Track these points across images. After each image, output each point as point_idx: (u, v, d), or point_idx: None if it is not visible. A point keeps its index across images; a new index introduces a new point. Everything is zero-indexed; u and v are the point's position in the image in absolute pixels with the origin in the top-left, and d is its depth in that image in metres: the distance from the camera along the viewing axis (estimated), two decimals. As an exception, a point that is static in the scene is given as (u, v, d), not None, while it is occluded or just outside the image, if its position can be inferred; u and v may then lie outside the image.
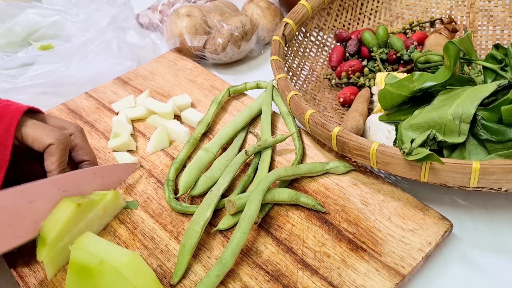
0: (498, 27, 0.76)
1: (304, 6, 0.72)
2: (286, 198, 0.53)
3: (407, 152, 0.46)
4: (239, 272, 0.48)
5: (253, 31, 0.81)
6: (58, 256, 0.49)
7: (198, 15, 0.80)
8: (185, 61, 0.79)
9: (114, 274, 0.42)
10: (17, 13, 0.84)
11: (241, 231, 0.47)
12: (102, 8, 0.88)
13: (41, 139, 0.51)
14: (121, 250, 0.44)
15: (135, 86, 0.75)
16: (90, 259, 0.43)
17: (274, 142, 0.60)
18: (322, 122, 0.54)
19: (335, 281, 0.46)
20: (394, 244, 0.49)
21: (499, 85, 0.51)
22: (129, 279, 0.42)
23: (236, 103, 0.70)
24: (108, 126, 0.68)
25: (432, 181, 0.47)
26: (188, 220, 0.54)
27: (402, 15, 0.81)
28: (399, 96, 0.55)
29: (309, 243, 0.50)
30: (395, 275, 0.46)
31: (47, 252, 0.47)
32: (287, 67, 0.69)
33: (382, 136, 0.56)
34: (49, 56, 0.76)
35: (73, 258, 0.44)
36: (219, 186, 0.54)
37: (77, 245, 0.45)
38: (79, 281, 0.44)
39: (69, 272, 0.44)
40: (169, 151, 0.63)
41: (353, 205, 0.53)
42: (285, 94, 0.60)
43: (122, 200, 0.55)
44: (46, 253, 0.47)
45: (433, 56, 0.64)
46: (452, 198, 0.56)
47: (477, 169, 0.44)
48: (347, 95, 0.67)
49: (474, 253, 0.51)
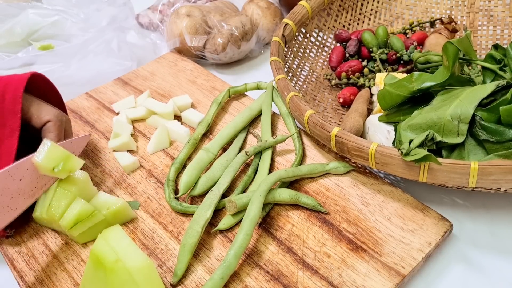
0: (498, 27, 0.76)
1: (304, 6, 0.72)
2: (287, 198, 0.53)
3: (405, 152, 0.46)
4: (239, 272, 0.48)
5: (253, 31, 0.81)
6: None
7: (198, 15, 0.80)
8: (185, 62, 0.79)
9: (125, 276, 0.43)
10: (17, 13, 0.84)
11: (244, 232, 0.48)
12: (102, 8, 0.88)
13: (39, 115, 0.52)
14: (138, 254, 0.45)
15: (136, 86, 0.75)
16: (108, 253, 0.44)
17: (274, 143, 0.60)
18: (321, 122, 0.54)
19: (335, 281, 0.46)
20: (394, 244, 0.49)
21: (498, 85, 0.51)
22: (138, 285, 0.43)
23: (236, 103, 0.70)
24: (108, 126, 0.68)
25: (430, 182, 0.48)
26: (188, 220, 0.54)
27: (402, 15, 0.81)
28: (398, 97, 0.55)
29: (310, 243, 0.50)
30: (395, 275, 0.46)
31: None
32: (287, 67, 0.69)
33: (382, 137, 0.56)
34: (49, 56, 0.76)
35: (95, 247, 0.45)
36: (220, 186, 0.54)
37: (103, 235, 0.46)
38: (94, 272, 0.45)
39: (89, 260, 0.45)
40: (169, 151, 0.63)
41: (353, 205, 0.53)
42: (285, 95, 0.60)
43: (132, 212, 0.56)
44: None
45: (433, 56, 0.65)
46: (451, 198, 0.56)
47: (476, 170, 0.44)
48: (347, 95, 0.67)
49: (474, 253, 0.51)
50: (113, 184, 0.59)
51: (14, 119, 0.52)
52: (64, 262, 0.51)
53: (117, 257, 0.43)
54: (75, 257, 0.51)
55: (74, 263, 0.51)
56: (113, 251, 0.44)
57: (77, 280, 0.49)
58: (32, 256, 0.52)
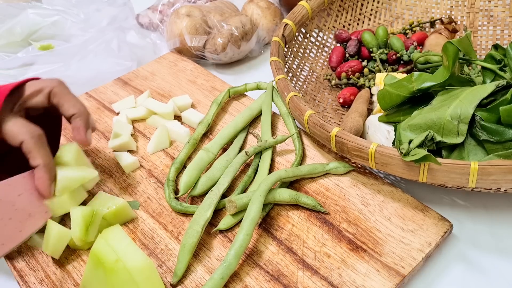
0: (498, 27, 0.76)
1: (304, 7, 0.72)
2: (287, 198, 0.53)
3: (405, 152, 0.46)
4: (239, 272, 0.48)
5: (253, 31, 0.81)
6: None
7: (198, 15, 0.80)
8: (185, 62, 0.79)
9: (125, 276, 0.43)
10: (17, 13, 0.84)
11: (244, 232, 0.48)
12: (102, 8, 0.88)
13: (13, 136, 0.50)
14: (138, 254, 0.45)
15: (136, 86, 0.75)
16: (109, 253, 0.44)
17: (274, 143, 0.60)
18: (321, 123, 0.54)
19: (335, 281, 0.46)
20: (394, 244, 0.49)
21: (498, 86, 0.51)
22: (138, 285, 0.43)
23: (236, 104, 0.70)
24: (108, 126, 0.68)
25: (430, 182, 0.48)
26: (188, 220, 0.54)
27: (402, 15, 0.81)
28: (398, 97, 0.55)
29: (310, 243, 0.50)
30: (395, 275, 0.46)
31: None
32: (287, 68, 0.69)
33: (382, 137, 0.56)
34: (49, 56, 0.76)
35: (95, 247, 0.45)
36: (220, 186, 0.54)
37: (103, 235, 0.46)
38: (95, 272, 0.45)
39: (89, 260, 0.45)
40: (169, 151, 0.63)
41: (353, 205, 0.53)
42: (285, 95, 0.60)
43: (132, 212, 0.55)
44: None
45: (433, 56, 0.65)
46: (451, 198, 0.56)
47: (476, 170, 0.44)
48: (347, 95, 0.67)
49: (474, 253, 0.51)
50: (113, 184, 0.60)
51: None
52: (64, 262, 0.51)
53: (117, 257, 0.43)
54: (75, 257, 0.51)
55: (74, 263, 0.51)
56: (113, 251, 0.44)
57: (77, 280, 0.49)
58: (32, 256, 0.52)
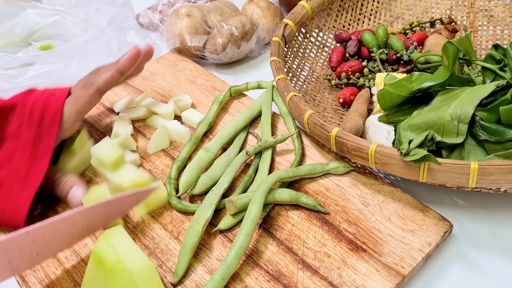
0: (498, 27, 0.76)
1: (304, 7, 0.72)
2: (287, 198, 0.53)
3: (405, 152, 0.46)
4: (239, 272, 0.48)
5: (253, 31, 0.81)
6: None
7: (198, 15, 0.80)
8: (185, 62, 0.79)
9: (125, 277, 0.43)
10: (17, 13, 0.84)
11: (245, 232, 0.48)
12: (102, 8, 0.88)
13: (60, 186, 0.55)
14: (139, 255, 0.45)
15: (136, 86, 0.75)
16: (110, 254, 0.44)
17: (274, 143, 0.60)
18: (321, 123, 0.54)
19: (335, 281, 0.46)
20: (394, 244, 0.49)
21: (498, 86, 0.51)
22: (138, 286, 0.43)
23: (237, 103, 0.70)
24: (108, 126, 0.68)
25: (430, 182, 0.48)
26: (188, 220, 0.54)
27: (402, 15, 0.81)
28: (398, 97, 0.55)
29: (310, 243, 0.50)
30: (395, 275, 0.46)
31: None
32: (287, 67, 0.69)
33: (382, 137, 0.56)
34: (49, 56, 0.76)
35: (97, 247, 0.45)
36: (220, 186, 0.54)
37: (105, 235, 0.46)
38: (96, 272, 0.45)
39: (91, 260, 0.45)
40: (170, 151, 0.63)
41: (353, 205, 0.53)
42: (285, 95, 0.60)
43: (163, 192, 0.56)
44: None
45: (433, 56, 0.65)
46: (451, 198, 0.56)
47: (476, 170, 0.44)
48: (347, 95, 0.67)
49: (474, 253, 0.51)
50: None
51: (49, 141, 0.54)
52: (64, 262, 0.51)
53: (118, 258, 0.43)
54: (75, 257, 0.51)
55: (74, 263, 0.51)
56: (114, 252, 0.44)
57: (78, 280, 0.49)
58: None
